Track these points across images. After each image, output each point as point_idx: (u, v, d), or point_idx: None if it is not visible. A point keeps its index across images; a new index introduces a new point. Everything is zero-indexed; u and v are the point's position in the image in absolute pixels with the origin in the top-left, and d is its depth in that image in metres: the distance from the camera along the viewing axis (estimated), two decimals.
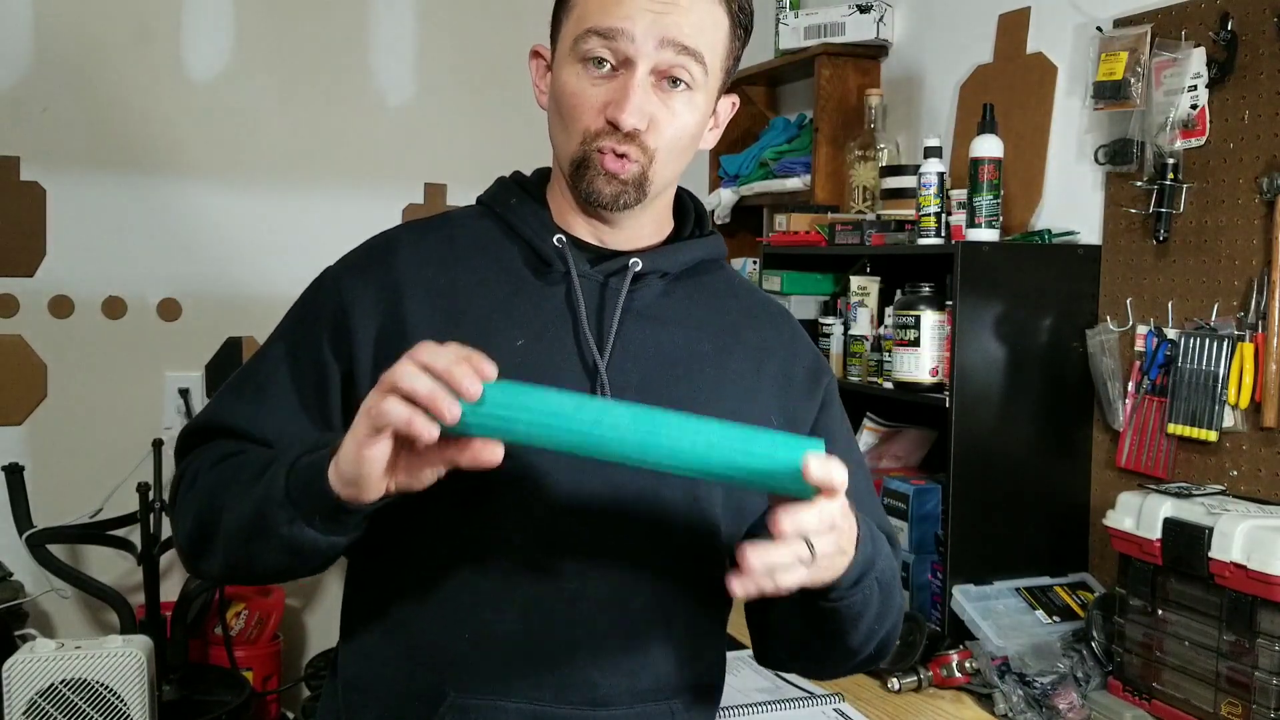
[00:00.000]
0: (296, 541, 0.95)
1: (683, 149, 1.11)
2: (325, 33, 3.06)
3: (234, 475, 1.03)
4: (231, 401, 1.12)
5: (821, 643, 1.08)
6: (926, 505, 2.12)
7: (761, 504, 0.97)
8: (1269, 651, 1.45)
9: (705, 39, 1.07)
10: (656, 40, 1.04)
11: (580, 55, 1.06)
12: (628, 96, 1.04)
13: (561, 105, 1.08)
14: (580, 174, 1.08)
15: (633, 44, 1.04)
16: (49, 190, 2.84)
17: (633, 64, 1.05)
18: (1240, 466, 1.76)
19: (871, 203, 2.47)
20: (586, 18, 1.06)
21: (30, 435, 2.85)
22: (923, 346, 2.01)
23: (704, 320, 1.14)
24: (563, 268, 1.10)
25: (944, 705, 1.77)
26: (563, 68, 1.09)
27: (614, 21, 1.04)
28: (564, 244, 1.11)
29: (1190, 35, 1.83)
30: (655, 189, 1.10)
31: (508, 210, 1.14)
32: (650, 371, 1.09)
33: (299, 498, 0.93)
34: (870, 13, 2.60)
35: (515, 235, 1.13)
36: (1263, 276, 1.72)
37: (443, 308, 1.08)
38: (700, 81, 1.08)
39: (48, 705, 2.14)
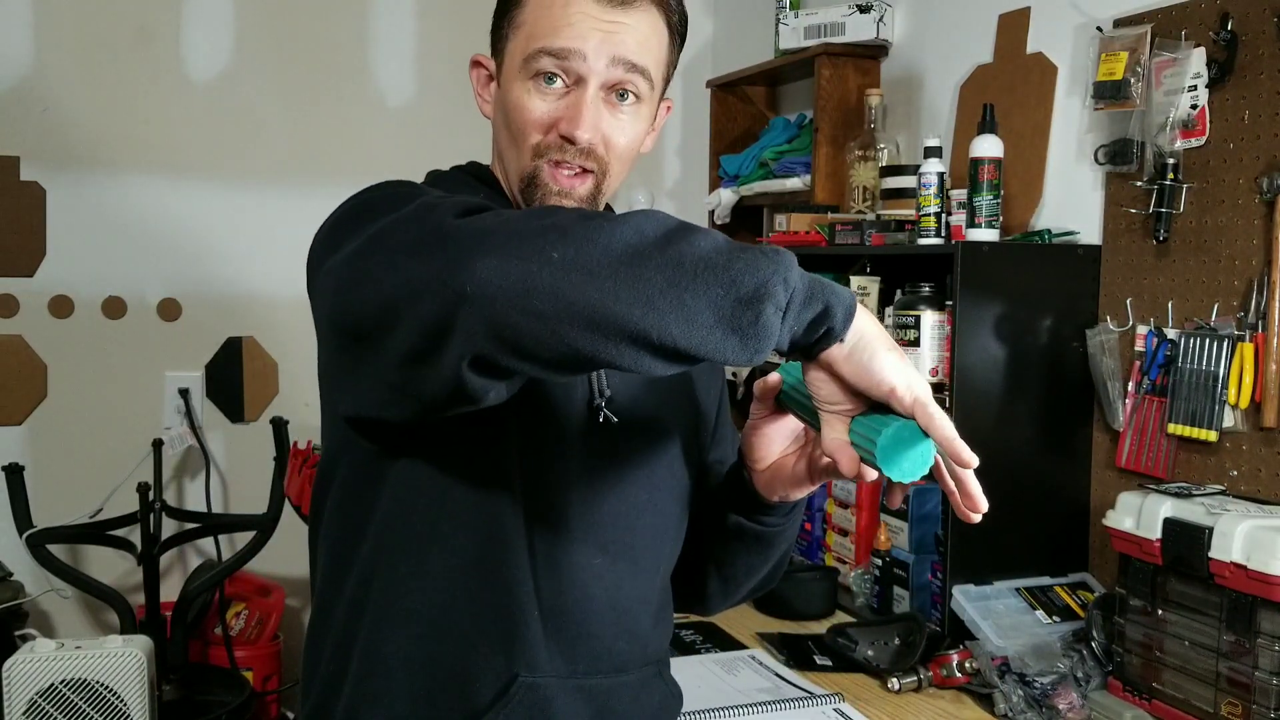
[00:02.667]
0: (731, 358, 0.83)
1: (631, 158, 1.15)
2: (325, 33, 3.06)
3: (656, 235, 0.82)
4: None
5: (760, 565, 1.25)
6: (926, 505, 2.12)
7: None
8: (1269, 651, 1.45)
9: (651, 54, 1.11)
10: (608, 59, 1.08)
11: (531, 73, 1.09)
12: (581, 113, 1.08)
13: (512, 121, 1.11)
14: (531, 191, 1.11)
15: (585, 63, 1.08)
16: (49, 190, 2.84)
17: (584, 81, 1.08)
18: (1240, 466, 1.76)
19: (871, 203, 2.47)
20: (537, 36, 1.09)
21: (30, 435, 2.85)
22: (923, 346, 2.02)
23: None
24: None
25: (944, 705, 1.77)
26: (512, 84, 1.11)
27: (566, 41, 1.07)
28: None
29: (1190, 35, 1.83)
30: (605, 198, 1.15)
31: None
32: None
33: (802, 316, 0.84)
34: (870, 13, 2.60)
35: None
36: (1263, 276, 1.72)
37: None
38: (646, 94, 1.13)
39: (48, 705, 2.14)
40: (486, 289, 0.80)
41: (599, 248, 0.81)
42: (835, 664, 1.92)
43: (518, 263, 0.80)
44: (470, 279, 0.81)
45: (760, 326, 0.80)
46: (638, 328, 0.79)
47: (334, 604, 1.13)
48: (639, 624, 1.17)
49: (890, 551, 2.15)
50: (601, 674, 1.14)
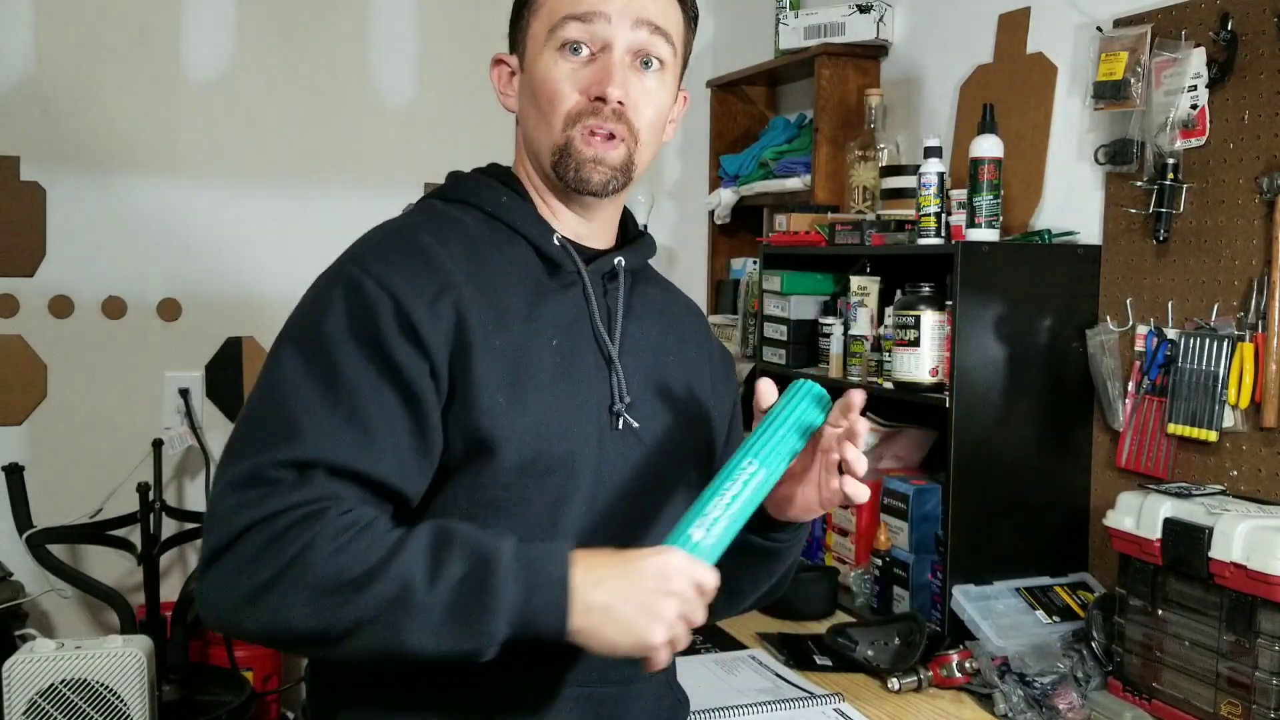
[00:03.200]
0: (476, 659, 0.97)
1: (659, 131, 1.18)
2: (325, 33, 3.06)
3: (399, 581, 0.94)
4: (329, 432, 0.99)
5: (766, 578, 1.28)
6: (926, 505, 2.12)
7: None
8: (1269, 651, 1.45)
9: (671, 21, 1.16)
10: (631, 20, 1.12)
11: (558, 43, 1.12)
12: (611, 73, 1.11)
13: (540, 95, 1.13)
14: (565, 163, 1.13)
15: (609, 25, 1.11)
16: (49, 190, 2.84)
17: (610, 46, 1.12)
18: (1240, 466, 1.76)
19: (871, 203, 2.47)
20: (561, 6, 1.12)
21: (30, 435, 2.85)
22: (923, 346, 2.01)
23: (660, 313, 1.25)
24: (573, 268, 1.16)
25: (944, 705, 1.77)
26: (538, 59, 1.14)
27: (590, 5, 1.11)
28: (564, 244, 1.16)
29: (1190, 35, 1.83)
30: (637, 173, 1.17)
31: (501, 209, 1.17)
32: (646, 362, 1.20)
33: (520, 635, 0.96)
34: (870, 13, 2.60)
35: (518, 235, 1.16)
36: (1263, 276, 1.72)
37: (490, 307, 1.09)
38: (670, 61, 1.17)
39: (48, 705, 2.14)
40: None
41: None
42: (835, 664, 1.92)
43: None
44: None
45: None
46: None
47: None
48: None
49: (890, 551, 2.15)
50: (612, 683, 1.15)
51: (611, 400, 1.15)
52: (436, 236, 1.11)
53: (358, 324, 1.03)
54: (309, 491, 0.97)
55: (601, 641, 0.97)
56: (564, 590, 0.95)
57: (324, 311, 1.04)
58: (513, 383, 1.07)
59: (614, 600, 0.96)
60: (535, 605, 0.95)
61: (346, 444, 0.99)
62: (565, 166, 1.13)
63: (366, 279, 1.04)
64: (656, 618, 0.96)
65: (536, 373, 1.10)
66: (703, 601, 1.00)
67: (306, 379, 1.01)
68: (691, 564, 0.99)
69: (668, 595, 0.97)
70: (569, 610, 0.95)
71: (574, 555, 0.97)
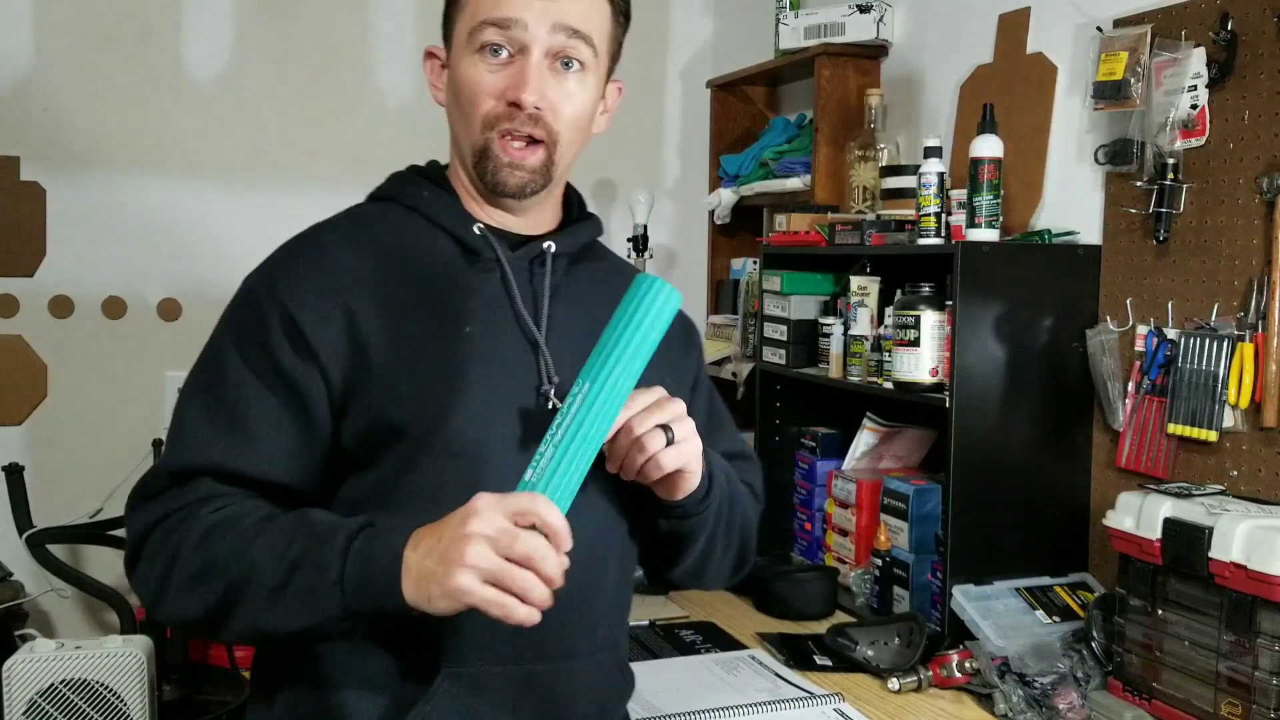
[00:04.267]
0: (334, 634, 1.05)
1: (581, 130, 1.20)
2: (325, 33, 3.06)
3: (248, 565, 1.04)
4: (209, 439, 1.09)
5: (688, 554, 1.27)
6: (926, 505, 2.12)
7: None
8: (1269, 651, 1.45)
9: (593, 23, 1.17)
10: (549, 25, 1.13)
11: (476, 46, 1.14)
12: (526, 78, 1.13)
13: (461, 95, 1.16)
14: (483, 165, 1.16)
15: (526, 31, 1.13)
16: (49, 190, 2.84)
17: (527, 49, 1.13)
18: (1240, 466, 1.76)
19: (871, 203, 2.47)
20: (480, 10, 1.16)
21: (30, 435, 2.85)
22: (923, 346, 2.01)
23: (602, 295, 1.23)
24: (492, 255, 1.18)
25: (944, 705, 1.77)
26: (460, 60, 1.16)
27: (507, 11, 1.13)
28: (484, 232, 1.19)
29: (1190, 35, 1.83)
30: (559, 173, 1.19)
31: (421, 203, 1.20)
32: (579, 345, 1.17)
33: (360, 609, 1.00)
34: (870, 13, 2.60)
35: (436, 227, 1.19)
36: (1263, 276, 1.72)
37: (389, 303, 1.13)
38: (591, 63, 1.18)
39: (48, 705, 2.14)
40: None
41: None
42: (835, 664, 1.92)
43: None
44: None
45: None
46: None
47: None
48: (590, 611, 1.19)
49: (890, 551, 2.15)
50: (548, 659, 1.16)
51: (539, 382, 1.16)
52: (338, 234, 1.18)
53: (246, 333, 1.12)
54: (188, 495, 1.08)
55: (429, 602, 0.98)
56: (392, 558, 0.99)
57: (223, 325, 1.15)
58: (417, 371, 1.11)
59: (425, 558, 0.98)
60: (369, 578, 0.99)
61: (227, 448, 1.08)
62: (484, 169, 1.17)
63: (259, 288, 1.14)
64: (454, 564, 0.96)
65: (445, 359, 1.13)
66: (527, 534, 0.97)
67: (197, 391, 1.12)
68: (497, 501, 0.97)
69: (465, 539, 0.96)
70: (399, 577, 0.98)
71: (415, 530, 1.00)
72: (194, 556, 1.04)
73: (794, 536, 2.56)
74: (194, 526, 1.05)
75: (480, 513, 0.97)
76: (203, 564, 1.04)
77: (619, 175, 3.34)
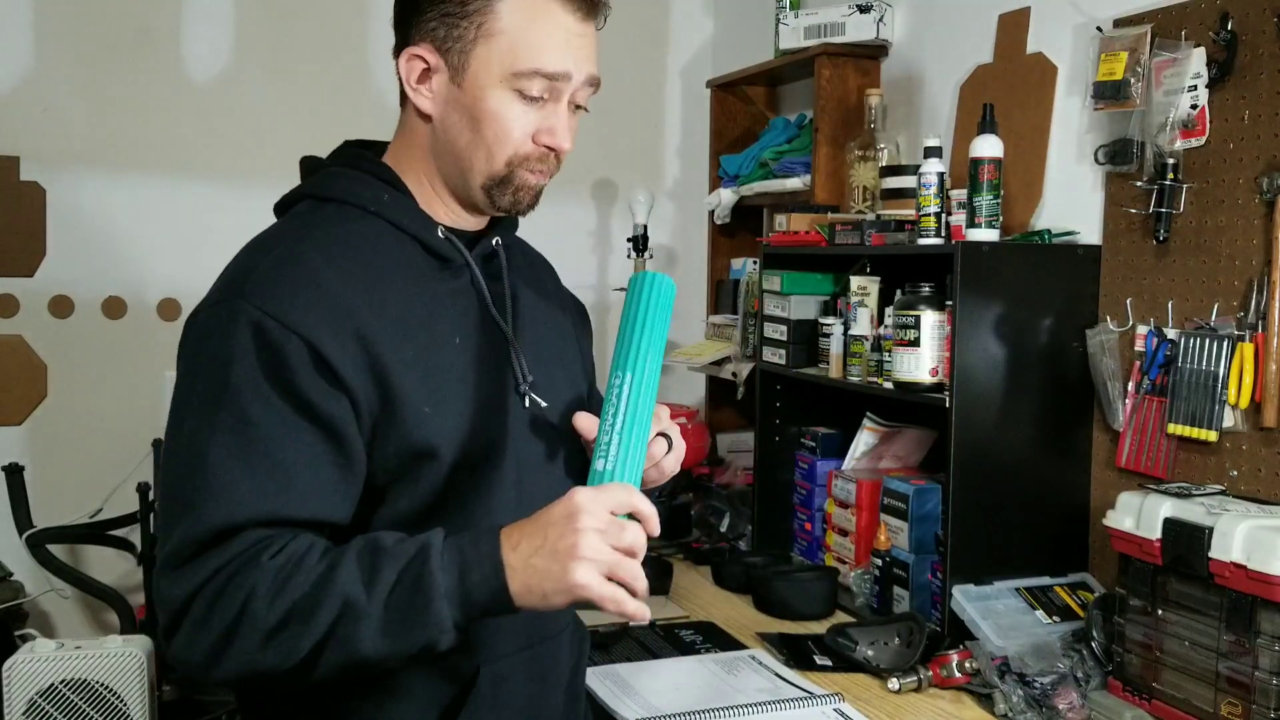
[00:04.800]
0: (443, 648, 1.02)
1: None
2: (325, 33, 3.06)
3: (340, 601, 0.99)
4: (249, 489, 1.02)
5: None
6: (926, 505, 2.12)
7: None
8: (1269, 651, 1.45)
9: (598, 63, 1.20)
10: (585, 78, 1.17)
11: (516, 88, 1.14)
12: (565, 128, 1.17)
13: (486, 127, 1.15)
14: (501, 189, 1.18)
15: (569, 83, 1.16)
16: (49, 190, 2.84)
17: (561, 96, 1.17)
18: (1240, 466, 1.76)
19: (871, 203, 2.47)
20: (526, 55, 1.13)
21: (30, 435, 2.85)
22: (923, 346, 2.01)
23: (531, 280, 1.32)
24: (461, 259, 1.20)
25: (944, 705, 1.77)
26: (489, 90, 1.14)
27: (559, 66, 1.14)
28: (448, 235, 1.20)
29: (1190, 35, 1.83)
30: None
31: (384, 208, 1.18)
32: (536, 332, 1.26)
33: (469, 617, 1.01)
34: (870, 13, 2.60)
35: (401, 232, 1.18)
36: (1263, 276, 1.72)
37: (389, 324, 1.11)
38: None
39: (48, 705, 2.15)
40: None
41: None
42: (835, 664, 1.92)
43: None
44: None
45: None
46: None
47: None
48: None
49: (890, 551, 2.15)
50: (548, 638, 1.25)
51: (516, 382, 1.20)
52: (323, 252, 1.11)
53: (266, 369, 1.03)
54: (235, 548, 1.01)
55: (543, 599, 1.00)
56: (494, 564, 0.99)
57: (230, 360, 1.04)
58: (432, 390, 1.12)
59: (531, 558, 0.99)
60: (471, 584, 0.99)
61: (266, 495, 1.02)
62: (502, 194, 1.18)
63: (266, 319, 1.04)
64: (572, 558, 0.98)
65: (448, 374, 1.14)
66: (632, 525, 1.01)
67: (219, 435, 1.02)
68: (597, 494, 1.01)
69: (576, 533, 0.98)
70: (506, 581, 0.99)
71: (501, 531, 1.02)
72: (270, 606, 0.98)
73: (794, 536, 2.56)
74: (258, 576, 0.99)
75: (585, 507, 0.99)
76: (286, 611, 0.98)
77: (619, 175, 3.34)
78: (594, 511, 0.99)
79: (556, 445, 1.24)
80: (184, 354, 1.09)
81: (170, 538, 1.02)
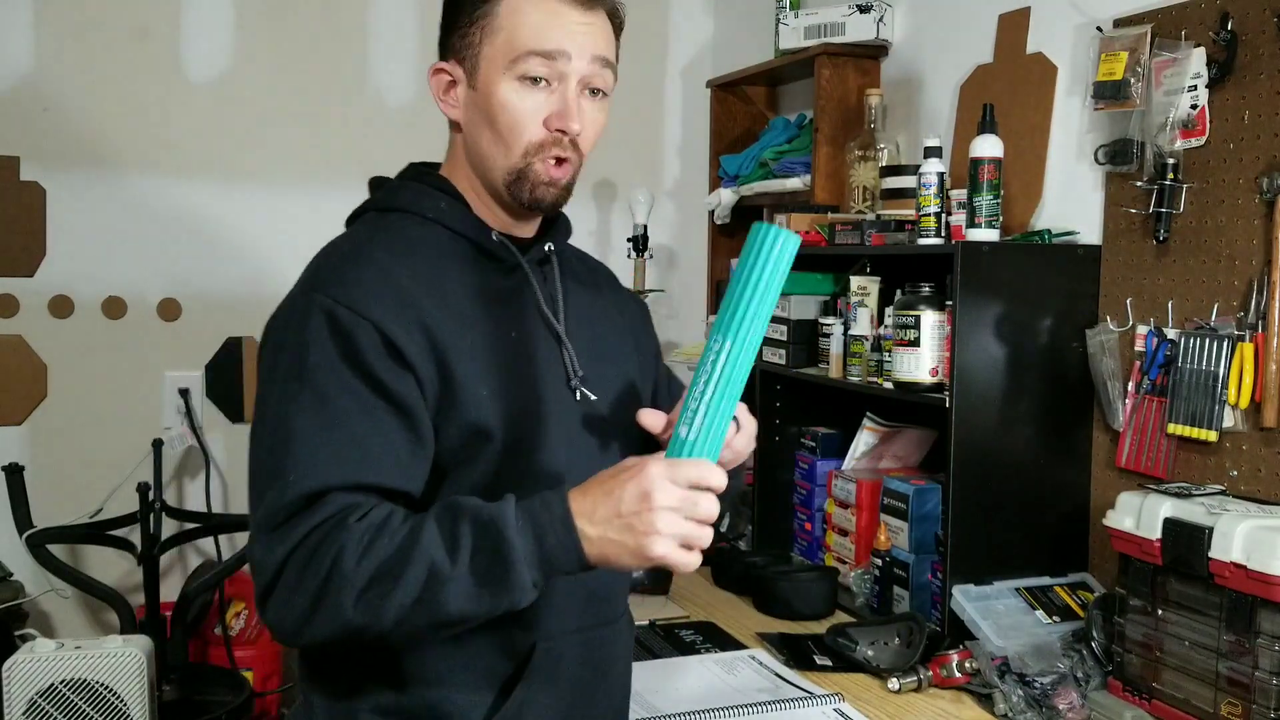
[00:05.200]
0: (521, 606, 1.07)
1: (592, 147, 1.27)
2: (325, 33, 3.06)
3: (427, 562, 1.04)
4: (331, 457, 1.09)
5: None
6: (926, 505, 2.12)
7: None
8: (1269, 651, 1.45)
9: (612, 49, 1.24)
10: (589, 57, 1.20)
11: (517, 74, 1.19)
12: (571, 107, 1.20)
13: (499, 121, 1.21)
14: (521, 184, 1.22)
15: (570, 62, 1.19)
16: (49, 190, 2.84)
17: (566, 78, 1.19)
18: (1240, 466, 1.76)
19: (871, 203, 2.47)
20: (522, 40, 1.18)
21: (30, 435, 2.85)
22: (923, 346, 2.02)
23: (587, 283, 1.37)
24: (514, 260, 1.25)
25: (944, 705, 1.78)
26: (496, 85, 1.20)
27: (554, 44, 1.18)
28: (501, 239, 1.26)
29: (1190, 35, 1.83)
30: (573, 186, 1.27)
31: (442, 215, 1.25)
32: (589, 330, 1.30)
33: (546, 578, 1.06)
34: (870, 13, 2.60)
35: (459, 236, 1.24)
36: (1263, 276, 1.72)
37: (451, 312, 1.18)
38: (610, 88, 1.25)
39: (48, 705, 2.14)
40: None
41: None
42: (835, 664, 1.92)
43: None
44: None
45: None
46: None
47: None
48: (622, 579, 1.35)
49: (890, 551, 2.15)
50: (603, 624, 1.29)
51: (567, 376, 1.25)
52: (389, 251, 1.19)
53: (341, 352, 1.11)
54: (324, 512, 1.06)
55: (618, 564, 1.05)
56: (567, 527, 1.04)
57: (307, 345, 1.12)
58: (488, 377, 1.18)
59: (606, 530, 1.04)
60: (548, 547, 1.04)
61: (348, 463, 1.09)
62: (521, 188, 1.22)
63: (338, 308, 1.12)
64: (649, 534, 1.02)
65: (504, 363, 1.20)
66: (705, 496, 1.04)
67: (302, 412, 1.10)
68: (671, 469, 1.03)
69: (652, 511, 1.02)
70: (582, 548, 1.04)
71: (570, 495, 1.06)
72: (358, 566, 1.03)
73: (794, 536, 2.56)
74: (346, 538, 1.04)
75: (659, 484, 1.02)
76: (374, 571, 1.03)
77: (619, 175, 3.35)
78: (670, 490, 1.02)
79: (609, 438, 1.28)
80: (267, 345, 1.16)
81: (263, 506, 1.09)
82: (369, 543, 1.04)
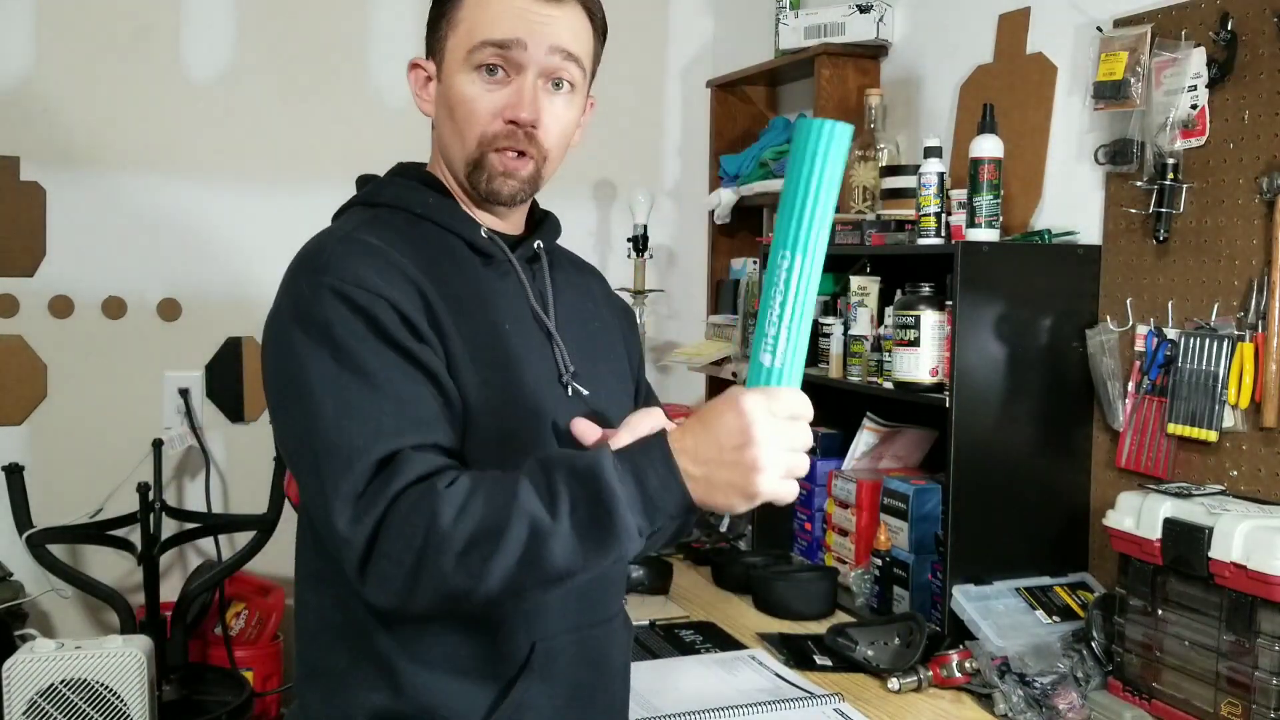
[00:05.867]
0: (629, 559, 1.05)
1: (564, 145, 1.25)
2: (325, 33, 3.06)
3: (529, 518, 1.00)
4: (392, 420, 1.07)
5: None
6: (926, 505, 2.12)
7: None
8: (1269, 651, 1.45)
9: (581, 44, 1.22)
10: (546, 47, 1.18)
11: (474, 64, 1.19)
12: (523, 97, 1.18)
13: (457, 112, 1.21)
14: (477, 175, 1.22)
15: (525, 51, 1.17)
16: (49, 190, 2.84)
17: (524, 69, 1.18)
18: (1240, 466, 1.76)
19: (871, 203, 2.47)
20: (478, 30, 1.18)
21: (30, 435, 2.85)
22: (923, 346, 2.02)
23: (577, 283, 1.36)
24: (504, 257, 1.25)
25: (944, 705, 1.77)
26: (455, 76, 1.21)
27: (506, 33, 1.17)
28: (491, 235, 1.25)
29: (1190, 35, 1.83)
30: (542, 183, 1.26)
31: (430, 210, 1.24)
32: (579, 328, 1.30)
33: (654, 525, 1.01)
34: (870, 13, 2.60)
35: (449, 232, 1.24)
36: (1263, 276, 1.72)
37: (450, 297, 1.18)
38: (579, 83, 1.23)
39: (48, 705, 2.15)
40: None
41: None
42: (835, 664, 1.92)
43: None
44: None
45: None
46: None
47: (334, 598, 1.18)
48: (617, 577, 1.35)
49: (890, 551, 2.15)
50: (598, 623, 1.27)
51: (559, 372, 1.24)
52: (381, 238, 1.18)
53: (365, 325, 1.10)
54: (405, 475, 1.03)
55: (724, 505, 1.01)
56: (669, 469, 1.00)
57: (330, 323, 1.09)
58: (482, 365, 1.17)
59: (709, 470, 1.00)
60: (651, 491, 1.00)
61: (407, 422, 1.07)
62: (477, 179, 1.22)
63: (349, 287, 1.10)
64: (756, 470, 0.98)
65: (498, 354, 1.19)
66: (799, 423, 1.01)
67: (347, 386, 1.07)
68: (768, 401, 0.99)
69: (755, 445, 0.98)
70: (686, 488, 1.00)
71: (669, 435, 1.02)
72: (455, 528, 1.00)
73: (794, 536, 2.56)
74: (437, 501, 1.01)
75: (757, 420, 0.98)
76: (472, 532, 1.00)
77: (619, 175, 3.34)
78: (769, 424, 0.99)
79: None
80: (279, 342, 1.13)
81: (337, 487, 1.05)
82: (463, 505, 1.01)
